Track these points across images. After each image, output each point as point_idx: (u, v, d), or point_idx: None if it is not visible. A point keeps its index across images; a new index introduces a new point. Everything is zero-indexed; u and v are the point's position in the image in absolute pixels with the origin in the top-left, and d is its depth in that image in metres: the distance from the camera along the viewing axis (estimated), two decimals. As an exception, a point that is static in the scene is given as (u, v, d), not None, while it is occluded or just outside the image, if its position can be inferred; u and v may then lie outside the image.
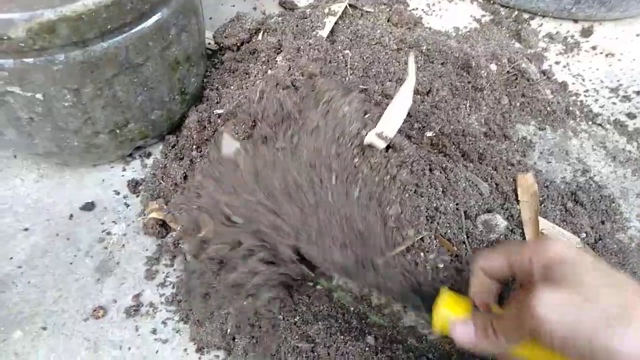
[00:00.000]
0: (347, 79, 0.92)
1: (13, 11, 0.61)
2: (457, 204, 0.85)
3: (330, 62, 0.94)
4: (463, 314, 0.61)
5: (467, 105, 0.98)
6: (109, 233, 0.90)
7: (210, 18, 1.24)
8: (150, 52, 0.77)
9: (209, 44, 1.11)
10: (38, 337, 0.79)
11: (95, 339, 0.79)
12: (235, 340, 0.76)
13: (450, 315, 0.61)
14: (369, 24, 1.10)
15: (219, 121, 0.85)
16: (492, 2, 1.36)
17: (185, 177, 0.88)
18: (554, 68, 1.24)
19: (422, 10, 1.34)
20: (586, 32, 1.31)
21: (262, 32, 1.02)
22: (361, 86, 0.89)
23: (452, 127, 0.90)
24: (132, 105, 0.82)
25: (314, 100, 0.75)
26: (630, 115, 1.18)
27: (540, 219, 0.91)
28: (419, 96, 0.97)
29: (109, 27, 0.68)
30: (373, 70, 0.97)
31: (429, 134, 0.87)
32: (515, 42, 1.27)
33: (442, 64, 1.07)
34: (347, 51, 0.97)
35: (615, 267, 0.90)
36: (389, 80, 0.97)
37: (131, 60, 0.75)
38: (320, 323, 0.77)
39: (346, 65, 0.94)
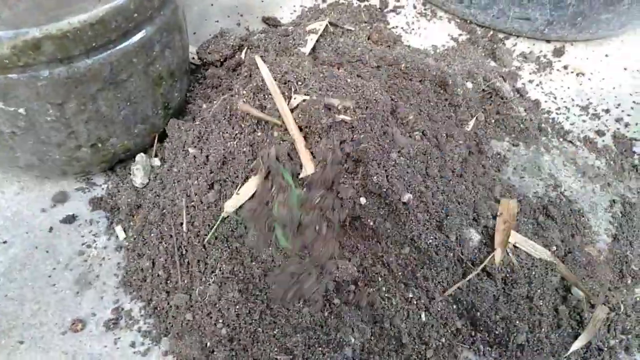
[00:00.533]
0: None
1: (-2, 28, 0.62)
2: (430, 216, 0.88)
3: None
4: None
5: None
6: (89, 246, 0.90)
7: (195, 33, 1.26)
8: (134, 69, 0.78)
9: (193, 59, 1.13)
10: (15, 350, 0.78)
11: (74, 352, 0.79)
12: (214, 353, 0.77)
13: None
14: (350, 42, 1.13)
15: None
16: (468, 22, 1.40)
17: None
18: (528, 86, 1.29)
19: (402, 28, 1.38)
20: (558, 52, 1.37)
21: (245, 48, 1.04)
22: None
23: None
24: (115, 119, 0.83)
25: None
26: (600, 133, 1.23)
27: (513, 232, 0.94)
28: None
29: (93, 44, 0.69)
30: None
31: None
32: (491, 61, 1.31)
33: (420, 81, 1.10)
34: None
35: (583, 280, 0.93)
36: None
37: (115, 77, 0.76)
38: (299, 335, 0.79)
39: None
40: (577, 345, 0.87)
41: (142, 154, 0.93)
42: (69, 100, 0.74)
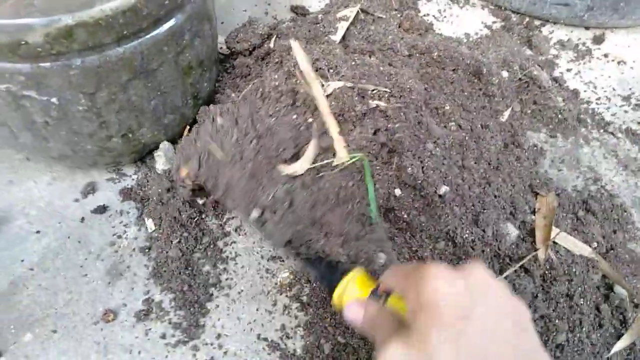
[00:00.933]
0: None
1: (31, 16, 0.61)
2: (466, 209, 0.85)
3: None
4: (364, 296, 0.57)
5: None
6: (120, 236, 0.90)
7: (222, 23, 1.24)
8: (164, 57, 0.77)
9: (221, 48, 1.12)
10: (48, 339, 0.79)
11: (106, 343, 0.79)
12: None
13: (354, 291, 0.59)
14: (381, 30, 1.10)
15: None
16: (503, 8, 1.35)
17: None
18: (566, 75, 1.23)
19: (433, 16, 1.34)
20: (598, 40, 1.31)
21: (274, 37, 1.02)
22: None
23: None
24: (145, 109, 0.82)
25: None
26: (643, 124, 1.17)
27: (553, 227, 0.91)
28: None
29: (125, 32, 0.68)
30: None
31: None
32: (527, 49, 1.26)
33: (453, 70, 1.06)
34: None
35: (627, 278, 0.89)
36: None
37: (146, 65, 0.75)
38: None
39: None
40: (619, 345, 0.83)
41: (165, 141, 0.92)
42: (100, 89, 0.73)
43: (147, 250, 0.89)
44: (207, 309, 0.84)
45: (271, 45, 1.01)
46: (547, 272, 0.87)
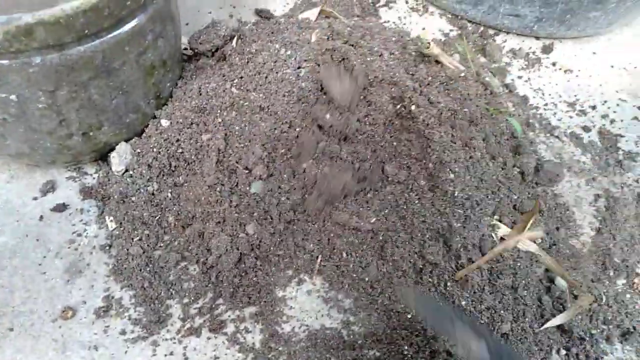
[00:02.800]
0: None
1: (-10, 14, 0.62)
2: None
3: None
4: None
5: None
6: (79, 235, 0.90)
7: (187, 24, 1.25)
8: (126, 57, 0.78)
9: (185, 49, 1.13)
10: (4, 337, 0.79)
11: (64, 340, 0.80)
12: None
13: None
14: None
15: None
16: (460, 17, 1.42)
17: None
18: (516, 82, 1.30)
19: (393, 22, 1.39)
20: (547, 49, 1.39)
21: (235, 38, 1.04)
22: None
23: None
24: (107, 108, 0.83)
25: None
26: (586, 129, 1.25)
27: (500, 224, 0.96)
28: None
29: (86, 31, 0.69)
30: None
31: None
32: (481, 57, 1.33)
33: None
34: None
35: (567, 271, 0.95)
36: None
37: (107, 65, 0.76)
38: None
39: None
40: (553, 322, 0.89)
41: (123, 142, 0.93)
42: (60, 87, 0.74)
43: (107, 248, 0.89)
44: (168, 305, 0.85)
45: (233, 45, 1.03)
46: (494, 266, 0.92)
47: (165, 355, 0.80)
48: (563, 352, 0.89)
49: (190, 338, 0.83)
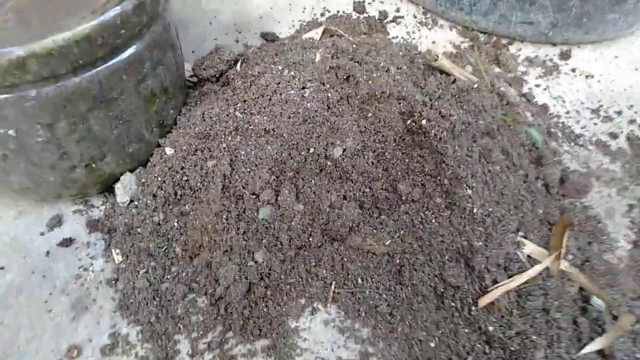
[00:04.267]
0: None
1: (-18, 49, 0.61)
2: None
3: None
4: None
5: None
6: (86, 269, 0.88)
7: (193, 52, 1.25)
8: (124, 86, 0.77)
9: (191, 77, 1.12)
10: (9, 380, 0.76)
11: (69, 381, 0.76)
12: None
13: None
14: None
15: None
16: (470, 29, 1.38)
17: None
18: (534, 91, 1.25)
19: (402, 38, 1.36)
20: (565, 55, 1.33)
21: (239, 62, 1.03)
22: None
23: None
24: (108, 139, 0.81)
25: None
26: (613, 135, 1.18)
27: (527, 242, 0.90)
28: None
29: (80, 62, 0.68)
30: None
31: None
32: (495, 67, 1.28)
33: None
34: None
35: (603, 289, 0.88)
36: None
37: (105, 95, 0.75)
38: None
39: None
40: (592, 347, 0.81)
41: (128, 172, 0.91)
42: (58, 120, 0.73)
43: (114, 282, 0.87)
44: (176, 340, 0.81)
45: (237, 68, 1.01)
46: (522, 287, 0.85)
47: (173, 394, 0.76)
48: (605, 379, 0.81)
49: (200, 375, 0.78)
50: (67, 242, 0.90)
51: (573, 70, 1.32)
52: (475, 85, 1.00)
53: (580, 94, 1.26)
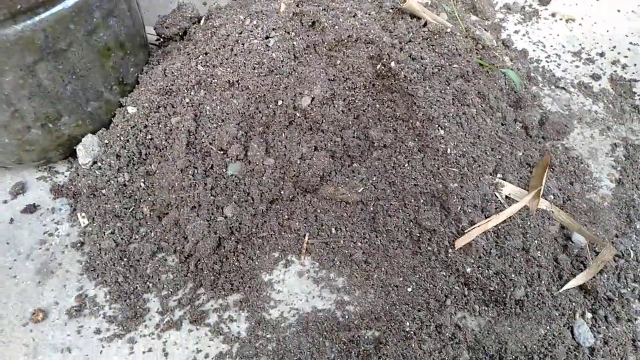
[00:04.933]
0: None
1: None
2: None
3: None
4: None
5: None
6: (51, 234, 0.86)
7: (159, 16, 1.21)
8: (73, 37, 0.74)
9: (157, 40, 1.08)
10: (-26, 346, 0.74)
11: (35, 344, 0.74)
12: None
13: None
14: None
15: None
16: (446, -21, 1.34)
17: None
18: (513, 37, 1.21)
19: (376, -8, 1.31)
20: (544, 1, 1.29)
21: (203, 18, 0.99)
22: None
23: None
24: (62, 95, 0.78)
25: None
26: (595, 77, 1.14)
27: (505, 183, 0.87)
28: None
29: (18, 7, 0.64)
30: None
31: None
32: (472, 15, 1.24)
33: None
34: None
35: (585, 226, 0.85)
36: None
37: (52, 45, 0.71)
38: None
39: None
40: (573, 283, 0.79)
41: (89, 134, 0.88)
42: (3, 73, 0.69)
43: (79, 246, 0.84)
44: (145, 299, 0.79)
45: (201, 23, 0.98)
46: (500, 227, 0.82)
47: (144, 352, 0.74)
48: (589, 315, 0.79)
49: (170, 332, 0.76)
50: (31, 209, 0.88)
51: (553, 15, 1.28)
52: (449, 30, 0.96)
53: (560, 38, 1.23)
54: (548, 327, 0.76)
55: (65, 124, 0.83)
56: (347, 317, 0.78)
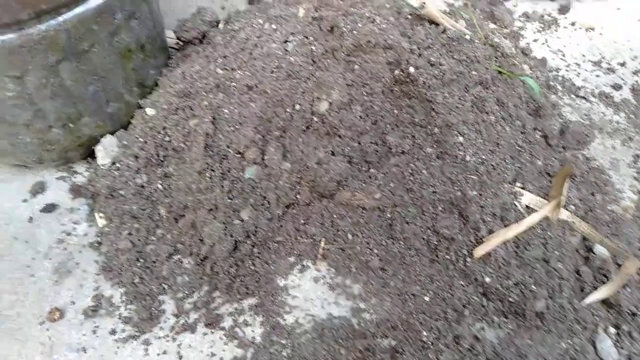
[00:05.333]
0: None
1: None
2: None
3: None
4: None
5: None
6: (69, 234, 0.86)
7: (179, 19, 1.22)
8: (96, 38, 0.75)
9: (177, 43, 1.09)
10: (-10, 343, 0.74)
11: (51, 343, 0.74)
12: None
13: None
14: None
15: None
16: (465, -13, 1.33)
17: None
18: (532, 45, 1.20)
19: None
20: (564, 9, 1.28)
21: (222, 22, 1.00)
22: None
23: None
24: (83, 96, 0.79)
25: None
26: (616, 87, 1.13)
27: (525, 192, 0.86)
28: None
29: (42, 7, 0.65)
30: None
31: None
32: (490, 23, 1.23)
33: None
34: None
35: (607, 237, 0.83)
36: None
37: (75, 46, 0.72)
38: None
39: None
40: (595, 296, 0.77)
41: (108, 134, 0.88)
42: (27, 72, 0.70)
43: (97, 246, 0.84)
44: (161, 301, 0.79)
45: (220, 27, 0.98)
46: (519, 237, 0.81)
47: (158, 354, 0.74)
48: (612, 330, 0.77)
49: (185, 334, 0.76)
50: (50, 208, 0.88)
51: (573, 24, 1.26)
52: (468, 37, 0.95)
53: (580, 47, 1.21)
54: (570, 341, 0.74)
55: (86, 125, 0.84)
56: (363, 324, 0.77)
